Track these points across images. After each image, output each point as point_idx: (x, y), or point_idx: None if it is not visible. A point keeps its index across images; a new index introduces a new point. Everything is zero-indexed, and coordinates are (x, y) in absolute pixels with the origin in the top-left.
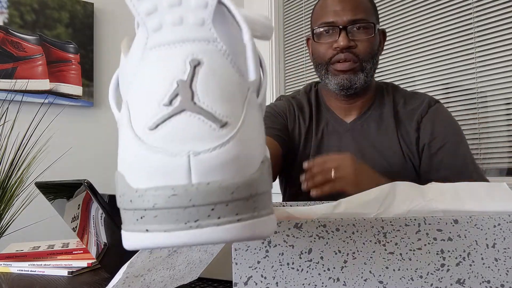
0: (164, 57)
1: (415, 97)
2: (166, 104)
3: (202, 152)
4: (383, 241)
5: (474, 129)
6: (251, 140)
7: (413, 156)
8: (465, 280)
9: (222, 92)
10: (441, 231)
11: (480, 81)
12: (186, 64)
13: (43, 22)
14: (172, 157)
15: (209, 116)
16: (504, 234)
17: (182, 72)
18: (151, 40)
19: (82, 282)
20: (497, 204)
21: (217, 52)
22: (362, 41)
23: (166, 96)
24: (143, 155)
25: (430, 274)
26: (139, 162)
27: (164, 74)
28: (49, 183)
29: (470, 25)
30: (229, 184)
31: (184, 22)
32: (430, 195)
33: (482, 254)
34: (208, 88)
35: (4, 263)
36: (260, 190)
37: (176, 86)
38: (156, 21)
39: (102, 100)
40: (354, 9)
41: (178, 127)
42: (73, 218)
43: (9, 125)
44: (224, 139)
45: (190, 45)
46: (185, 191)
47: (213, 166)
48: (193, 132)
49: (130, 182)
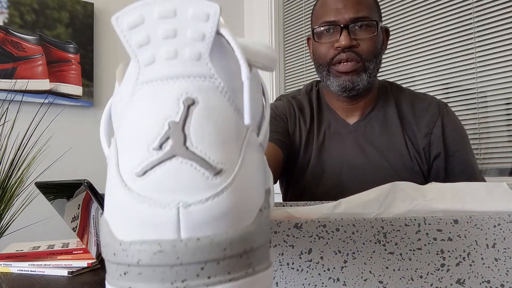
0: (155, 94)
1: (422, 98)
2: (155, 148)
3: (193, 203)
4: (383, 241)
5: (474, 129)
6: (248, 188)
7: (421, 160)
8: (465, 280)
9: (218, 135)
10: (441, 231)
11: (480, 81)
12: (180, 103)
13: (43, 22)
14: (160, 209)
15: (202, 163)
16: (504, 234)
17: (175, 113)
18: (142, 74)
19: (82, 282)
20: (497, 204)
21: (213, 90)
22: (364, 40)
23: (156, 139)
24: (129, 204)
25: (430, 274)
26: (125, 212)
27: (155, 114)
28: (49, 183)
29: (470, 25)
30: (222, 239)
31: (179, 56)
32: (430, 195)
33: (482, 254)
34: (203, 131)
35: (4, 263)
36: (256, 244)
37: (168, 129)
38: (148, 54)
39: (102, 100)
40: (356, 6)
41: (168, 175)
42: (73, 218)
43: (9, 125)
44: (218, 188)
45: (185, 81)
46: (172, 248)
47: (205, 220)
48: (184, 181)
49: (114, 232)
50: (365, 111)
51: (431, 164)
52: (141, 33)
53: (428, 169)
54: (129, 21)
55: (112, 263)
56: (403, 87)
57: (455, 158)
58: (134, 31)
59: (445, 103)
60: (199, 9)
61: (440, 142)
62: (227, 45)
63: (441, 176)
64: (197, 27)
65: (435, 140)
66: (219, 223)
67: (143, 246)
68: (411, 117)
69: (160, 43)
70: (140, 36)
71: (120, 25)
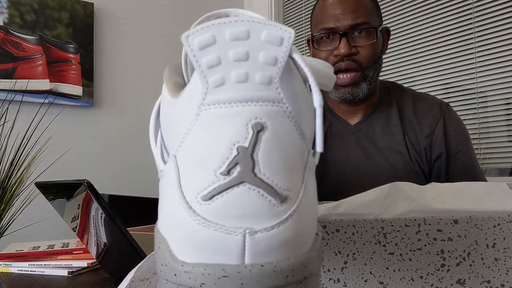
0: (224, 118)
1: (424, 98)
2: (223, 173)
3: (259, 231)
4: (383, 241)
5: (474, 129)
6: (309, 214)
7: (422, 161)
8: (465, 280)
9: (285, 162)
10: (441, 231)
11: (480, 81)
12: (249, 128)
13: (43, 22)
14: (227, 234)
15: (270, 190)
16: (504, 234)
17: (244, 138)
18: (210, 95)
19: (82, 282)
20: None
21: (281, 115)
22: (364, 47)
23: (224, 164)
24: (194, 228)
25: (431, 275)
26: (188, 234)
27: (224, 138)
28: (49, 183)
29: (470, 25)
30: (284, 267)
31: (250, 80)
32: (430, 195)
33: (482, 254)
34: (271, 158)
35: (4, 263)
36: (314, 270)
37: (236, 154)
38: (218, 76)
39: (102, 100)
40: (355, 12)
41: (236, 201)
42: (73, 218)
43: (9, 125)
44: (283, 216)
45: (254, 106)
46: (237, 273)
47: (269, 247)
48: (252, 208)
49: (175, 252)
50: (367, 112)
51: (432, 165)
52: (212, 54)
53: (429, 170)
54: (200, 41)
55: (172, 283)
56: (405, 87)
57: (456, 159)
58: (205, 52)
59: (447, 103)
60: (273, 33)
61: (442, 143)
62: (294, 68)
63: (442, 177)
64: (270, 51)
65: (436, 141)
66: (282, 250)
67: (207, 270)
68: (413, 117)
69: (231, 66)
70: (211, 57)
71: (191, 44)
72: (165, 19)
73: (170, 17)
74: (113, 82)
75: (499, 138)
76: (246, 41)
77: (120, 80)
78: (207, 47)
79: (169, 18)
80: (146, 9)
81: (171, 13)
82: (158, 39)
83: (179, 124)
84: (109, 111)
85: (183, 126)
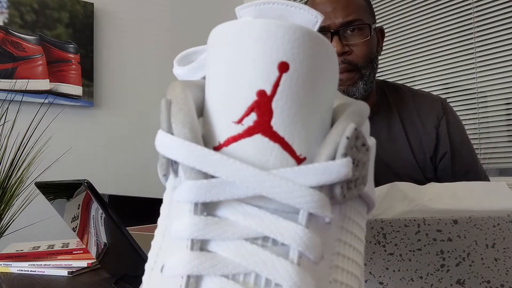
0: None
1: (421, 95)
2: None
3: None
4: (382, 242)
5: (474, 129)
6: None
7: (427, 165)
8: (465, 281)
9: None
10: (441, 232)
11: (480, 81)
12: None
13: (43, 22)
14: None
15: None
16: (504, 234)
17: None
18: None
19: (82, 282)
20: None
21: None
22: (357, 46)
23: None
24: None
25: (430, 275)
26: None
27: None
28: (49, 183)
29: (470, 25)
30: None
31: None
32: (430, 195)
33: (481, 254)
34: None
35: (4, 263)
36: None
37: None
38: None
39: (102, 100)
40: (346, 9)
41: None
42: (73, 218)
43: (9, 125)
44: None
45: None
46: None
47: None
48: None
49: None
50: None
51: (437, 165)
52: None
53: (435, 170)
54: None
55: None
56: (399, 84)
57: (462, 157)
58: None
59: (444, 98)
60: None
61: (446, 142)
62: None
63: (448, 175)
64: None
65: (440, 139)
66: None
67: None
68: (415, 116)
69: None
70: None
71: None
72: (165, 19)
73: (170, 17)
74: (113, 82)
75: (499, 138)
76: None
77: (120, 80)
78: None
79: (169, 18)
80: (146, 9)
81: (171, 13)
82: (158, 39)
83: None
84: (109, 111)
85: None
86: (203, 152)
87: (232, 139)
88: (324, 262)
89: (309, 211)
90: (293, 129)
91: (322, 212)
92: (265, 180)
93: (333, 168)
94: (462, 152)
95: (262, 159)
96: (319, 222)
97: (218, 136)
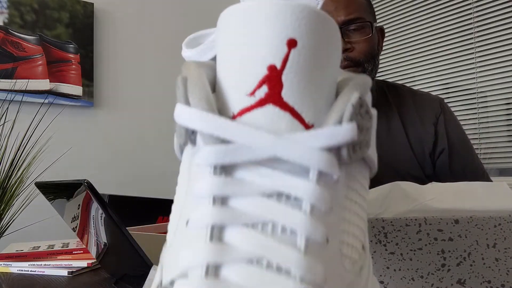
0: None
1: (420, 94)
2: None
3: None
4: (383, 241)
5: (474, 129)
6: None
7: (425, 158)
8: (466, 280)
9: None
10: (442, 231)
11: (480, 81)
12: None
13: (43, 22)
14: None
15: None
16: (505, 234)
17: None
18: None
19: (82, 282)
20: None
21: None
22: (359, 43)
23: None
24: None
25: (431, 274)
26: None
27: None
28: (49, 183)
29: (470, 25)
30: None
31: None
32: (431, 195)
33: (482, 254)
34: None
35: (4, 263)
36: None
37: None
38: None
39: (102, 100)
40: (347, 8)
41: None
42: (73, 218)
43: (9, 125)
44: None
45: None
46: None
47: None
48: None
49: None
50: None
51: (436, 161)
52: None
53: (433, 166)
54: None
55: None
56: (399, 84)
57: (460, 156)
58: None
59: (442, 99)
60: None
61: (444, 139)
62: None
63: (446, 173)
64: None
65: (438, 136)
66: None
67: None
68: (413, 112)
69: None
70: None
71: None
72: (165, 19)
73: (170, 17)
74: (113, 82)
75: (499, 138)
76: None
77: (120, 80)
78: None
79: (169, 18)
80: (146, 9)
81: (171, 13)
82: (158, 39)
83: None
84: (109, 111)
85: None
86: (220, 121)
87: (246, 109)
88: (333, 214)
89: (319, 169)
90: (301, 99)
91: (331, 170)
92: (278, 143)
93: (340, 132)
94: (460, 149)
95: (274, 127)
96: (328, 179)
97: (232, 108)
